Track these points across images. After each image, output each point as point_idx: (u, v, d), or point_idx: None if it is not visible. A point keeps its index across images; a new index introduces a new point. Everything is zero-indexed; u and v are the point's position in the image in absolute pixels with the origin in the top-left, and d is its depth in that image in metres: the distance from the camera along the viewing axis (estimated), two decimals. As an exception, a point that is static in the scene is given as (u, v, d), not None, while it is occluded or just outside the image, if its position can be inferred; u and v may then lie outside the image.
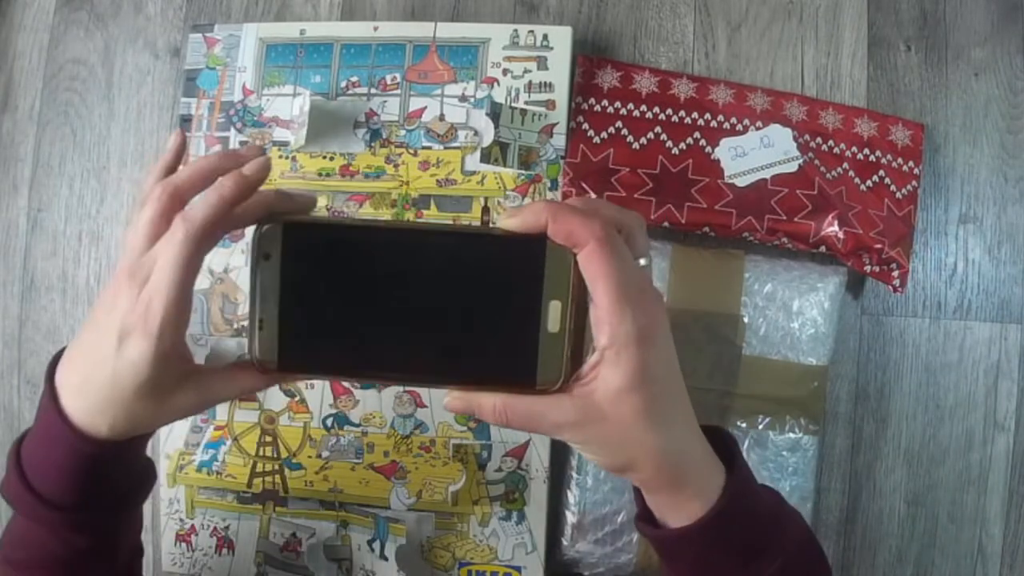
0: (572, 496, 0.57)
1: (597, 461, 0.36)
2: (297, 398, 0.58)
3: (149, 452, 0.44)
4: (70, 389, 0.36)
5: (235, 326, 0.37)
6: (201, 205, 0.33)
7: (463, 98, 0.59)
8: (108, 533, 0.41)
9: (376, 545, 0.57)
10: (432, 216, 0.58)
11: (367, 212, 0.59)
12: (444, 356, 0.35)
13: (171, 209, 0.34)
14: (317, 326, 0.35)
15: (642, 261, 0.36)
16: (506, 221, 0.33)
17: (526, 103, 0.59)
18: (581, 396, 0.34)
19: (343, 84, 0.60)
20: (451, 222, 0.58)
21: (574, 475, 0.57)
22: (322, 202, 0.59)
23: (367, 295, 0.34)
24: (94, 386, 0.35)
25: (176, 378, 0.35)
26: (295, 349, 0.34)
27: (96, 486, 0.38)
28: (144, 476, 0.43)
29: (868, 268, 0.58)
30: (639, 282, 0.33)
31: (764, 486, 0.40)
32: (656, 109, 0.59)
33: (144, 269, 0.34)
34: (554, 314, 0.34)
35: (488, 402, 0.35)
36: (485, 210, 0.58)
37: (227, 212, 0.33)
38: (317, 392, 0.58)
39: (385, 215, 0.58)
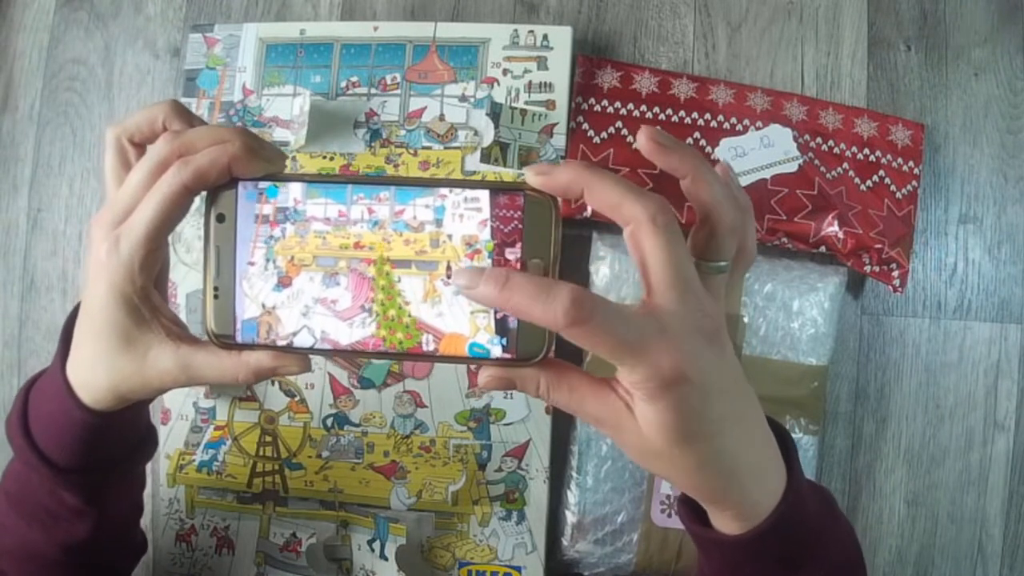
0: (572, 496, 0.57)
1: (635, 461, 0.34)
2: (297, 398, 0.58)
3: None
4: (74, 345, 0.36)
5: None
6: (204, 156, 0.31)
7: (463, 98, 0.59)
8: (98, 495, 0.40)
9: (376, 545, 0.57)
10: None
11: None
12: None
13: (169, 162, 0.32)
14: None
15: (722, 263, 0.33)
16: (532, 179, 0.30)
17: (526, 103, 0.59)
18: (619, 399, 0.31)
19: (343, 84, 0.60)
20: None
21: (574, 475, 0.57)
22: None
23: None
24: (81, 335, 0.35)
25: (151, 334, 0.34)
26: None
27: (90, 451, 0.37)
28: (142, 444, 0.42)
29: (868, 268, 0.58)
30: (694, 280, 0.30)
31: (817, 487, 0.37)
32: (656, 109, 0.59)
33: (121, 210, 0.32)
34: (534, 274, 0.30)
35: (532, 378, 0.32)
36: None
37: (224, 171, 0.31)
38: (317, 392, 0.58)
39: None
